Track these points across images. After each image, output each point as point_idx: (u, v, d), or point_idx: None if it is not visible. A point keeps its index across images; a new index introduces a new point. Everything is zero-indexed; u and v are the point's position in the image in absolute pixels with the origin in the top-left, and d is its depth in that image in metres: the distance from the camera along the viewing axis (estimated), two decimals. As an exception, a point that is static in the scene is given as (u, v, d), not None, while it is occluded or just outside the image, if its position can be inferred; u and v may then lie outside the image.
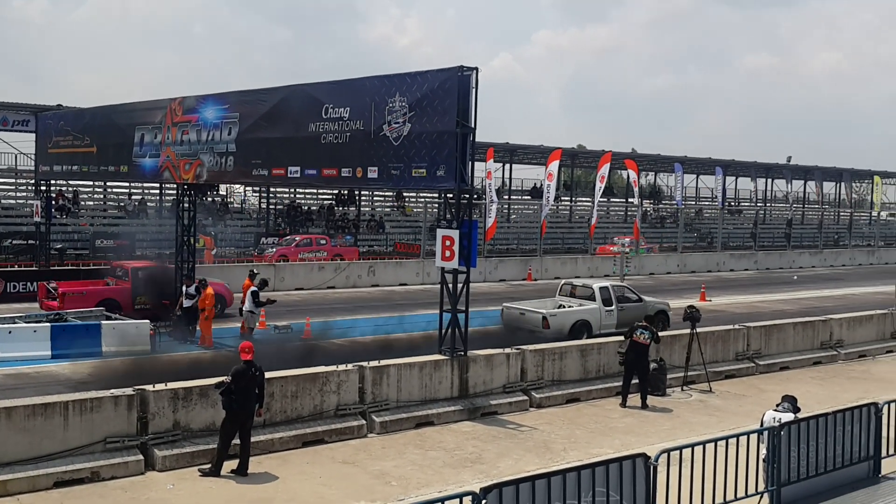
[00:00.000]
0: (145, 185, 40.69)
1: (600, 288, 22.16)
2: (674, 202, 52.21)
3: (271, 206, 42.88)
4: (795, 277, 41.36)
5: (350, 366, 13.81)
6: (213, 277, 23.11)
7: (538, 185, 49.62)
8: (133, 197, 41.48)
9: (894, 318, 23.22)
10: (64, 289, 22.11)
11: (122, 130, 23.14)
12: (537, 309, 21.42)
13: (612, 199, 57.87)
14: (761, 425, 9.96)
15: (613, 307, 21.86)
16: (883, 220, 61.97)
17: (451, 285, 15.06)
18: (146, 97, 23.49)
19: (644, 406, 15.70)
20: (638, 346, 15.85)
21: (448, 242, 14.72)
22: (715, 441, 9.00)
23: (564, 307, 21.92)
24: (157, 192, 41.36)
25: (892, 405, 10.85)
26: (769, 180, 63.53)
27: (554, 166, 38.85)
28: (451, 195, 15.31)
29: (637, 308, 21.57)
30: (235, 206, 44.58)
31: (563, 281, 24.00)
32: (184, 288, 20.53)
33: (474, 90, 14.49)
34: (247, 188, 43.90)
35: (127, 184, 40.06)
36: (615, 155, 51.18)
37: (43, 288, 23.16)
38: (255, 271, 21.47)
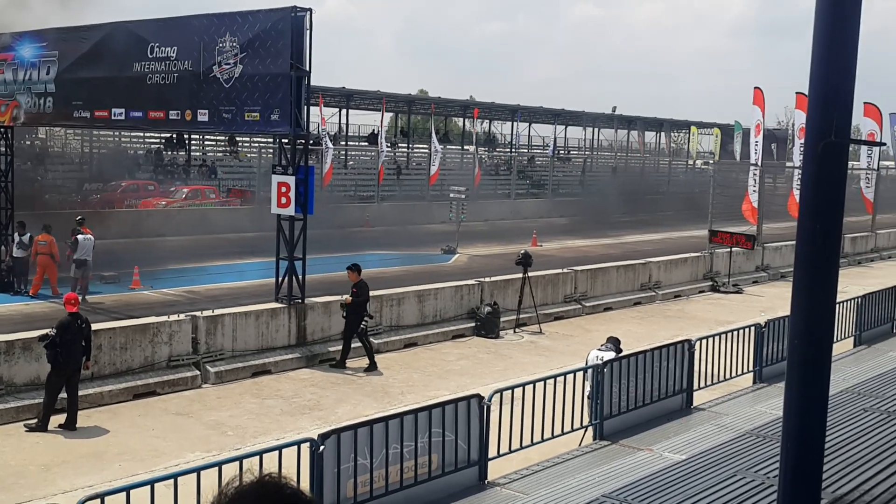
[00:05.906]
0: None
1: None
2: (507, 150, 53.43)
3: (94, 151, 40.41)
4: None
5: (182, 315, 13.47)
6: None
7: (375, 132, 49.36)
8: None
9: (706, 261, 25.02)
10: None
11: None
12: None
13: (447, 147, 58.48)
14: (586, 364, 10.57)
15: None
16: (698, 169, 65.97)
17: (287, 232, 14.88)
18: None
19: (340, 365, 14.60)
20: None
21: (284, 189, 14.50)
22: (544, 380, 9.46)
23: None
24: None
25: (704, 341, 11.75)
26: (596, 129, 66.08)
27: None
28: (286, 140, 15.04)
29: None
30: (56, 150, 41.67)
31: None
32: (16, 236, 19.08)
33: (308, 32, 14.22)
34: (68, 131, 41.10)
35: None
36: (452, 102, 51.63)
37: None
38: (82, 218, 20.25)
